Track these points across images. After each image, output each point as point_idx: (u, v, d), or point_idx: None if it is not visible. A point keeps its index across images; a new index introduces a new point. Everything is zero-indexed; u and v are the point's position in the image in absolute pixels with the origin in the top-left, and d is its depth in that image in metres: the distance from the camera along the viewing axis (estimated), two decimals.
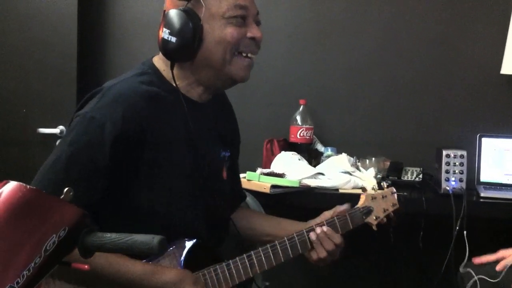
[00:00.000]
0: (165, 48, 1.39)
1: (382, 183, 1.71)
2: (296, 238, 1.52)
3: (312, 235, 1.52)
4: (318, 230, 1.53)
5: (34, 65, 2.81)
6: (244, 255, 1.44)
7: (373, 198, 1.66)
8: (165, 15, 1.40)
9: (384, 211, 1.66)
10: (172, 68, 1.41)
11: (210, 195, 1.49)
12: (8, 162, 2.77)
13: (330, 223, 1.57)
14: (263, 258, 1.46)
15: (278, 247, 1.49)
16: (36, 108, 2.81)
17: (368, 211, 1.63)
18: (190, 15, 1.36)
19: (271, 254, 1.47)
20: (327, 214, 1.61)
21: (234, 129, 1.70)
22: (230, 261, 1.43)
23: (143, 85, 1.39)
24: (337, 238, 1.54)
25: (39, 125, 2.78)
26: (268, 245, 1.48)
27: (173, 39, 1.36)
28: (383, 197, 1.67)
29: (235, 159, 1.69)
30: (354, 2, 2.73)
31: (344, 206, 1.62)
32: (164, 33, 1.38)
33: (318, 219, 1.60)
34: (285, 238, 1.51)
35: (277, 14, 2.75)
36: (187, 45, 1.37)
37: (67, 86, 2.75)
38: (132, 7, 2.88)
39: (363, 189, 1.68)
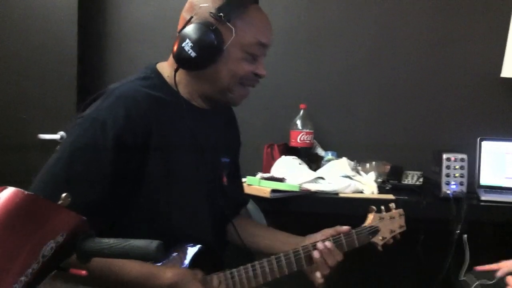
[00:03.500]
0: (178, 54, 1.38)
1: (391, 204, 1.68)
2: (302, 252, 1.50)
3: (316, 253, 1.50)
4: (321, 245, 1.51)
5: (34, 71, 2.81)
6: (249, 265, 1.44)
7: (381, 218, 1.65)
8: (191, 24, 1.38)
9: (391, 232, 1.65)
10: (175, 71, 1.41)
11: (213, 200, 1.49)
12: (8, 167, 2.77)
13: (336, 240, 1.55)
14: (267, 269, 1.45)
15: (283, 260, 1.47)
16: (36, 113, 2.81)
17: (374, 231, 1.62)
18: (217, 37, 1.36)
19: (275, 266, 1.46)
20: (328, 232, 1.59)
21: (235, 136, 1.71)
22: (234, 270, 1.42)
23: (145, 89, 1.40)
24: (340, 256, 1.53)
25: (39, 131, 2.78)
26: (273, 257, 1.47)
27: (191, 51, 1.35)
28: (390, 218, 1.66)
29: (235, 164, 1.70)
30: (352, 6, 2.73)
31: (345, 228, 1.60)
32: (186, 44, 1.36)
33: (318, 235, 1.58)
34: (290, 251, 1.49)
35: (275, 19, 2.74)
36: (200, 60, 1.37)
37: (67, 92, 2.75)
38: (132, 12, 2.89)
39: (371, 209, 1.65)
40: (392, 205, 1.69)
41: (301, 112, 2.57)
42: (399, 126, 2.70)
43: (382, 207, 1.67)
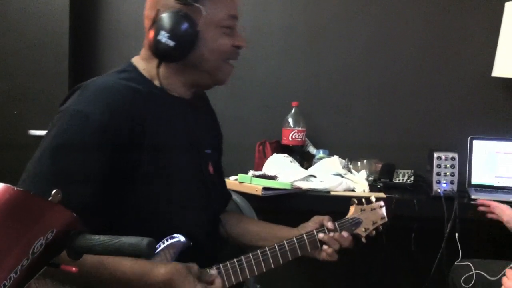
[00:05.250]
0: (157, 47, 1.37)
1: (371, 197, 1.71)
2: (306, 238, 1.53)
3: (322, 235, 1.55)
4: (323, 235, 1.56)
5: (26, 66, 2.80)
6: (252, 253, 1.45)
7: (362, 210, 1.66)
8: (160, 16, 1.37)
9: (373, 223, 1.67)
10: (158, 66, 1.40)
11: (203, 193, 1.48)
12: None
13: (320, 232, 1.57)
14: (270, 257, 1.47)
15: (286, 246, 1.50)
16: (27, 109, 2.80)
17: (357, 222, 1.64)
18: (189, 20, 1.36)
19: (278, 253, 1.48)
20: (317, 220, 1.62)
21: (216, 128, 1.69)
22: (243, 256, 1.43)
23: (124, 81, 1.39)
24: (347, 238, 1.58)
25: (30, 127, 2.76)
26: (275, 244, 1.49)
27: (168, 41, 1.35)
28: (372, 209, 1.68)
29: (218, 158, 1.69)
30: (347, 5, 2.74)
31: (327, 217, 1.62)
32: (162, 36, 1.35)
33: (312, 223, 1.61)
34: (294, 237, 1.52)
35: (270, 17, 2.75)
36: (181, 48, 1.37)
37: (58, 87, 2.74)
38: (124, 8, 2.87)
39: (352, 201, 1.67)
40: (373, 197, 1.70)
41: (293, 110, 2.57)
42: (391, 124, 2.71)
43: (363, 200, 1.69)
